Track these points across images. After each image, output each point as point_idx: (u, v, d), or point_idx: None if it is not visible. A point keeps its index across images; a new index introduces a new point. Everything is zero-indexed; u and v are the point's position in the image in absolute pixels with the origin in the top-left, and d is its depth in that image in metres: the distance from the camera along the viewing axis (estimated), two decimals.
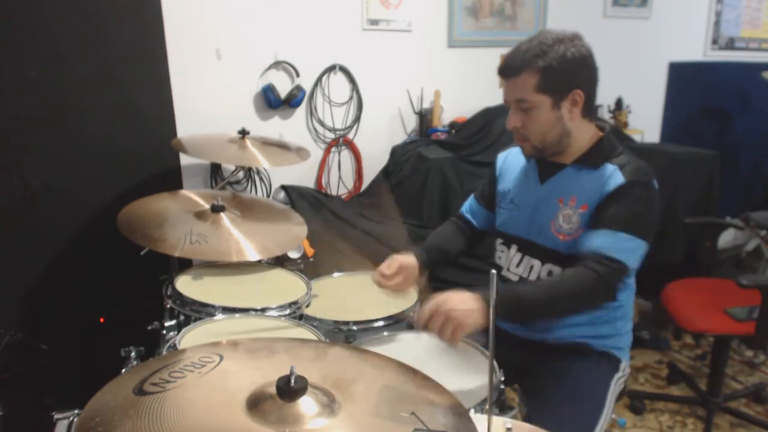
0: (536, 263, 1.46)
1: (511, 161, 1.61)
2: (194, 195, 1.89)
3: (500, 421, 1.03)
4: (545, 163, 1.48)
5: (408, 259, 1.58)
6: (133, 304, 1.95)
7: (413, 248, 1.65)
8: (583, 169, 1.42)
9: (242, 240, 1.66)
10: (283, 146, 2.22)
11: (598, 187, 1.36)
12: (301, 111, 2.73)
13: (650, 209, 1.34)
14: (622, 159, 1.39)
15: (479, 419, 0.94)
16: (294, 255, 2.21)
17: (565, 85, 1.35)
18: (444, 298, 1.24)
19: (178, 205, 1.81)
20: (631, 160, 1.39)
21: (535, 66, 1.33)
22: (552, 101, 1.36)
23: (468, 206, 1.74)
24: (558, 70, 1.33)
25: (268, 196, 2.65)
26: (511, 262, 1.53)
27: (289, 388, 0.78)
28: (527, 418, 1.39)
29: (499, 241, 1.58)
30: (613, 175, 1.35)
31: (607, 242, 1.29)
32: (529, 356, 1.47)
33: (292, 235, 1.82)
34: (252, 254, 1.63)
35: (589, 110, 1.41)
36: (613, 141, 1.45)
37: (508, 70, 1.38)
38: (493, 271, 0.87)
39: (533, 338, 1.50)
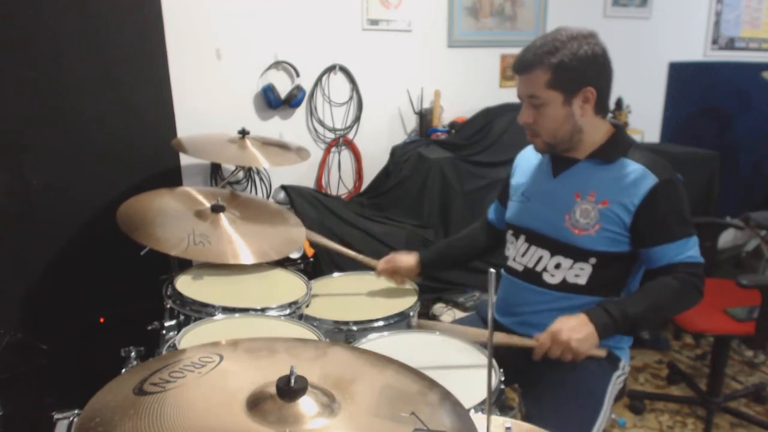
0: (545, 254, 1.47)
1: (526, 157, 1.64)
2: (194, 192, 1.89)
3: (500, 421, 1.03)
4: (558, 158, 1.49)
5: (405, 260, 1.74)
6: (133, 304, 1.95)
7: (423, 248, 1.82)
8: (598, 164, 1.43)
9: (241, 243, 1.66)
10: (283, 146, 2.22)
11: (622, 185, 1.38)
12: (301, 111, 2.73)
13: (686, 202, 1.39)
14: (637, 155, 1.41)
15: (479, 419, 0.94)
16: (294, 255, 2.21)
17: (576, 82, 1.36)
18: (559, 326, 1.29)
19: (178, 203, 1.81)
20: (647, 156, 1.41)
21: (547, 62, 1.34)
22: (563, 98, 1.37)
23: (492, 209, 1.79)
24: (570, 67, 1.34)
25: (268, 196, 2.65)
26: (518, 252, 1.54)
27: (289, 388, 0.78)
28: (527, 416, 1.39)
29: (509, 232, 1.60)
30: (643, 175, 1.36)
31: (685, 251, 1.36)
32: (529, 355, 1.47)
33: (291, 238, 1.81)
34: (250, 259, 1.64)
35: (602, 107, 1.42)
36: (626, 136, 1.47)
37: (521, 65, 1.39)
38: (492, 270, 0.87)
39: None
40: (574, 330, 1.27)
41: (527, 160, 1.62)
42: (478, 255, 1.81)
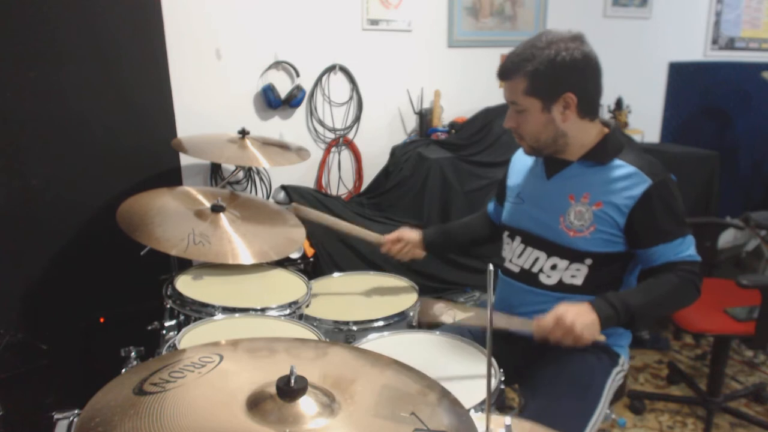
0: (541, 255, 1.47)
1: (520, 158, 1.64)
2: (194, 191, 1.89)
3: (500, 420, 1.03)
4: (552, 160, 1.49)
5: (410, 233, 1.76)
6: (133, 304, 1.95)
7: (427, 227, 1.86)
8: (591, 166, 1.43)
9: (241, 243, 1.66)
10: (283, 146, 2.22)
11: (616, 186, 1.38)
12: (301, 111, 2.73)
13: (680, 202, 1.40)
14: (630, 156, 1.40)
15: (479, 419, 0.94)
16: (294, 255, 2.21)
17: (553, 89, 1.36)
18: (564, 311, 1.28)
19: (178, 203, 1.81)
20: (640, 156, 1.41)
21: (524, 70, 1.36)
22: (541, 104, 1.38)
23: (491, 206, 1.80)
24: (545, 74, 1.34)
25: (268, 196, 2.65)
26: (514, 254, 1.55)
27: (289, 388, 0.78)
28: (524, 407, 1.39)
29: (505, 233, 1.61)
30: (636, 177, 1.36)
31: (681, 250, 1.37)
32: (529, 353, 1.47)
33: (291, 238, 1.81)
34: (249, 259, 1.64)
35: (589, 110, 1.42)
36: (619, 137, 1.47)
37: (502, 72, 1.42)
38: (491, 267, 0.87)
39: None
40: (579, 315, 1.27)
41: (521, 161, 1.63)
42: (478, 243, 1.82)
